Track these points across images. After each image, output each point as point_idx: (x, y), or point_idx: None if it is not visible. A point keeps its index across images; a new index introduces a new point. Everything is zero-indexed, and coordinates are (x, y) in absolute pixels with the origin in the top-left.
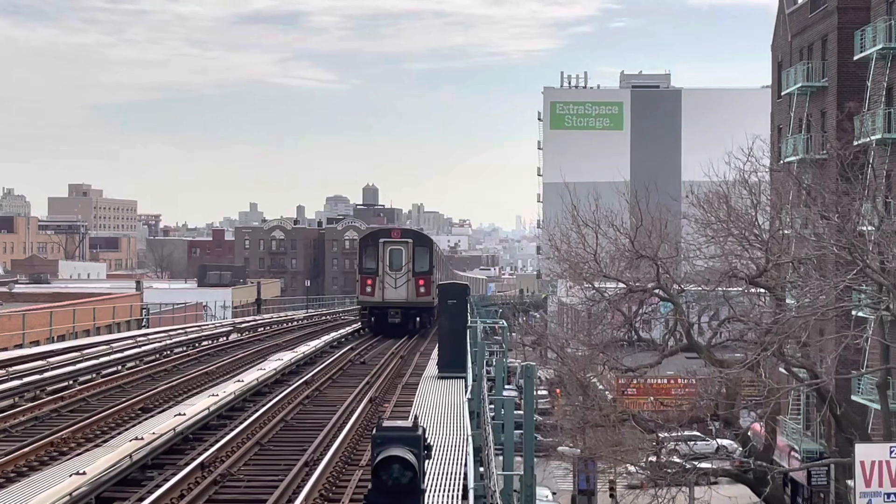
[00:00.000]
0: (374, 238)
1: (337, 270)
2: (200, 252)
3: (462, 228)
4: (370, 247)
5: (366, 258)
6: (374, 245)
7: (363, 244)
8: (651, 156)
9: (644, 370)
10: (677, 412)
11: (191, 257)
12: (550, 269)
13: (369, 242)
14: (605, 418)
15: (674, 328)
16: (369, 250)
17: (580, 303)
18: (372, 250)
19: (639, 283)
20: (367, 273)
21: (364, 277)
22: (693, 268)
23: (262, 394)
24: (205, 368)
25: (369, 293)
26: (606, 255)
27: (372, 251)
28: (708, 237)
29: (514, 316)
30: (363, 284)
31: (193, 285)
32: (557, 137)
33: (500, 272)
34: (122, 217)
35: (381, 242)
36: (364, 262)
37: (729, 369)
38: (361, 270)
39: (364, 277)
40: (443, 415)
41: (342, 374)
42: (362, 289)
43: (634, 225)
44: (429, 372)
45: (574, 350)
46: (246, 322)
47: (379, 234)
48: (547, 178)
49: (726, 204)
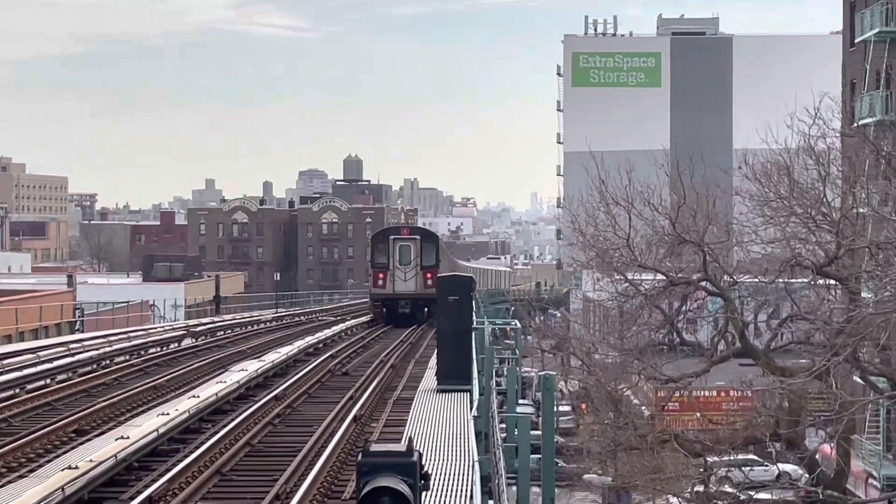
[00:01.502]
0: (385, 235)
1: (313, 261)
2: (146, 239)
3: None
4: (381, 243)
5: (377, 254)
6: (385, 242)
7: (375, 241)
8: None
9: (688, 380)
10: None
11: (134, 246)
12: (573, 257)
13: (381, 239)
14: (641, 439)
15: (724, 329)
16: (380, 246)
17: (610, 298)
18: (383, 246)
19: (682, 273)
20: (378, 267)
21: (376, 272)
22: (747, 255)
23: (223, 412)
24: (152, 382)
25: (381, 286)
26: (642, 241)
27: (383, 247)
28: (766, 217)
29: (530, 315)
30: (375, 278)
31: (138, 280)
32: (581, 97)
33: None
34: (50, 197)
35: (391, 239)
36: (376, 257)
37: (792, 379)
38: (374, 265)
39: (376, 272)
40: (443, 436)
41: (320, 387)
42: (374, 282)
43: (676, 203)
44: (426, 384)
45: (603, 356)
46: (202, 325)
47: (389, 232)
48: (569, 146)
49: (788, 176)
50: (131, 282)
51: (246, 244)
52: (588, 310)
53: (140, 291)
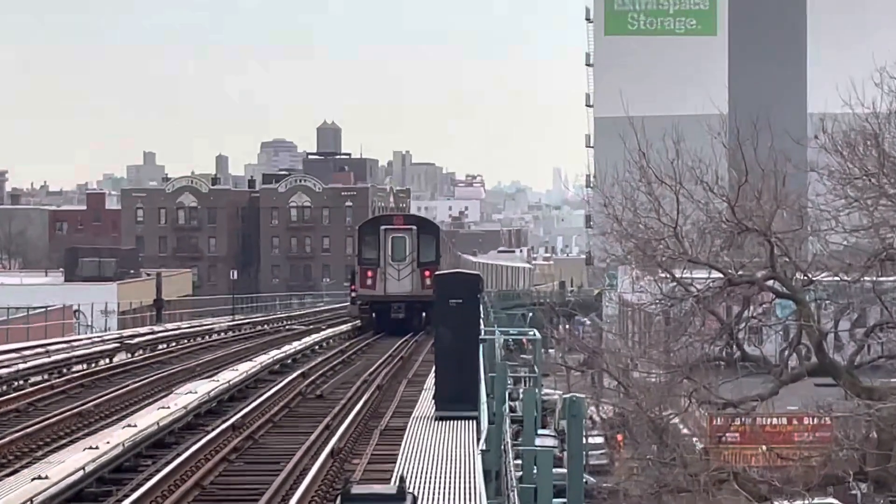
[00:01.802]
0: (374, 225)
1: (279, 255)
2: (69, 228)
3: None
4: (370, 235)
5: (365, 248)
6: (374, 233)
7: (361, 232)
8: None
9: (752, 405)
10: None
11: (54, 236)
12: (607, 249)
13: (369, 230)
14: (692, 479)
15: (797, 341)
16: (369, 239)
17: (653, 302)
18: (371, 239)
19: (743, 271)
20: (366, 264)
21: (364, 269)
22: (826, 247)
23: (166, 445)
24: (77, 407)
25: (370, 286)
26: (693, 229)
27: (371, 240)
28: (849, 199)
29: (552, 323)
30: (363, 277)
31: (59, 279)
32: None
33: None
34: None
35: (382, 230)
36: (363, 252)
37: (882, 402)
38: (360, 261)
39: (364, 269)
40: (443, 475)
41: (288, 413)
42: (362, 282)
43: (736, 182)
44: (421, 410)
45: (644, 375)
46: (140, 336)
47: (379, 221)
48: (601, 110)
49: (877, 148)
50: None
51: (195, 234)
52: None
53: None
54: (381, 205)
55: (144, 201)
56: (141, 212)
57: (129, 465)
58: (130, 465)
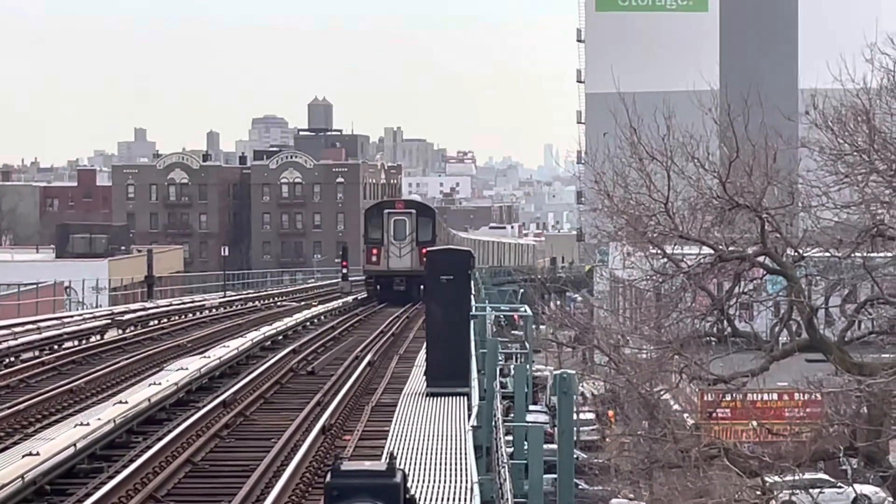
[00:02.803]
0: (379, 209)
1: (270, 231)
2: (60, 205)
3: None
4: (375, 218)
5: (371, 229)
6: (379, 216)
7: (368, 215)
8: (752, 51)
9: (743, 381)
10: (794, 445)
11: (45, 213)
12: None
13: (374, 213)
14: (683, 455)
15: (788, 317)
16: (374, 221)
17: (644, 278)
18: (377, 221)
19: (734, 247)
20: (372, 243)
21: (370, 247)
22: (817, 223)
23: (158, 421)
24: (68, 384)
25: (375, 262)
26: (684, 205)
27: (377, 222)
28: (840, 175)
29: (543, 299)
30: (369, 254)
31: (50, 256)
32: (608, 23)
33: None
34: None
35: (385, 213)
36: (369, 232)
37: (873, 378)
38: (367, 241)
39: (370, 247)
40: (433, 452)
41: (280, 390)
42: (368, 258)
43: (727, 157)
44: (412, 386)
45: (635, 351)
46: (131, 312)
47: (383, 206)
48: (591, 86)
49: (867, 124)
50: (41, 258)
51: (186, 211)
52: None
53: (53, 270)
54: (372, 181)
55: (135, 178)
56: (132, 188)
57: (121, 441)
58: (122, 442)
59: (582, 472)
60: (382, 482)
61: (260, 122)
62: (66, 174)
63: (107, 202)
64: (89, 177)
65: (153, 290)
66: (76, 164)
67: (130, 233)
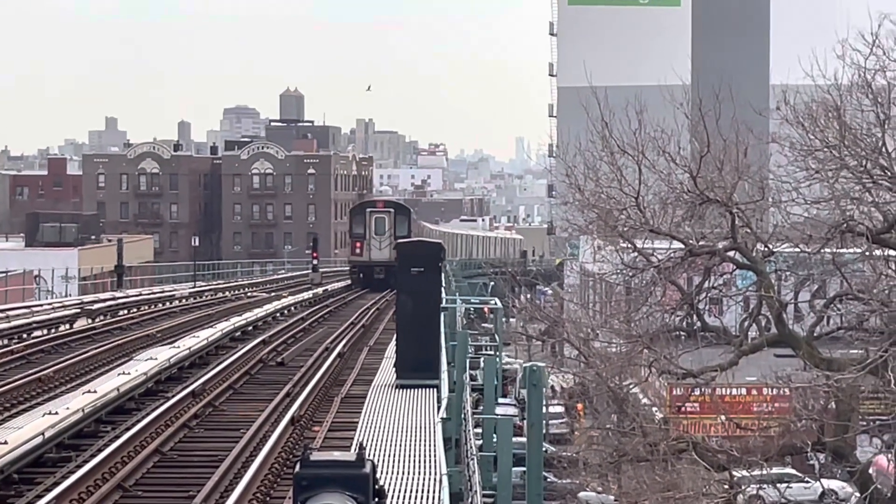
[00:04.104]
0: (362, 208)
1: (241, 222)
2: (30, 193)
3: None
4: (359, 215)
5: (355, 225)
6: (362, 214)
7: (353, 213)
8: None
9: (711, 375)
10: (762, 439)
11: (14, 202)
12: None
13: (358, 212)
14: (651, 449)
15: (757, 312)
16: (358, 218)
17: (614, 272)
18: (360, 218)
19: (704, 241)
20: (356, 237)
21: (354, 241)
22: (787, 218)
23: (127, 411)
24: (37, 373)
25: (358, 254)
26: (655, 199)
27: (360, 219)
28: (810, 171)
29: (514, 292)
30: (353, 246)
31: (19, 244)
32: (580, 17)
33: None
34: None
35: (367, 211)
36: (354, 228)
37: (841, 373)
38: (352, 235)
39: (354, 241)
40: (403, 443)
41: (249, 380)
42: (352, 250)
43: (698, 152)
44: (382, 378)
45: (605, 344)
46: (101, 301)
47: (366, 205)
48: (564, 80)
49: (838, 120)
50: (11, 246)
51: (156, 200)
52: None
53: (22, 259)
54: (343, 173)
55: (106, 167)
56: (102, 177)
57: (89, 430)
58: (90, 431)
59: (551, 465)
60: (351, 473)
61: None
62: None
63: (77, 191)
64: (59, 165)
65: (123, 279)
66: (46, 153)
67: (101, 222)
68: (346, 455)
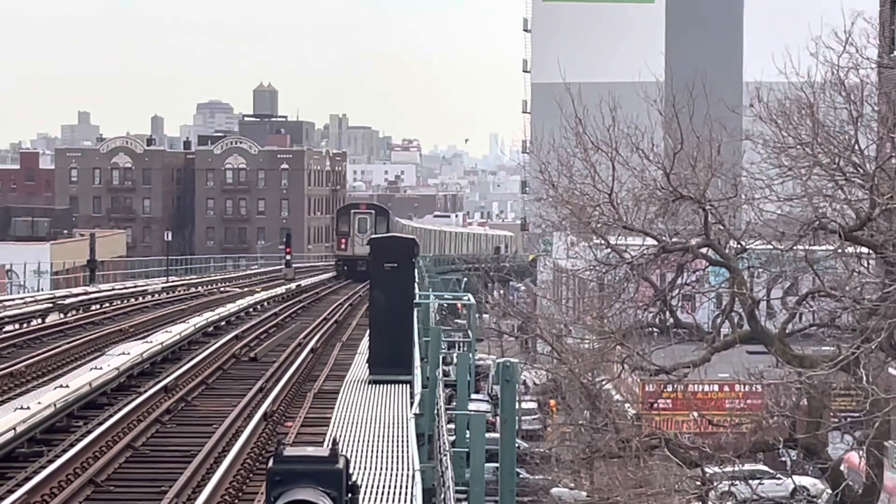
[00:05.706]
0: (347, 209)
1: (214, 217)
2: (2, 187)
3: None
4: (344, 215)
5: (341, 224)
6: (347, 214)
7: (339, 213)
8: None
9: (684, 372)
10: (734, 436)
11: None
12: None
13: (343, 212)
14: (623, 445)
15: (730, 308)
16: (343, 218)
17: (587, 268)
18: (345, 218)
19: (677, 238)
20: (342, 235)
21: (339, 238)
22: (759, 215)
23: (98, 406)
24: (8, 367)
25: (343, 249)
26: (628, 196)
27: (345, 219)
28: (783, 168)
29: (487, 288)
30: (339, 243)
31: None
32: (554, 14)
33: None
34: None
35: (352, 212)
36: (339, 226)
37: (813, 370)
38: (338, 233)
39: (339, 238)
40: (376, 439)
41: (222, 375)
42: (338, 246)
43: (671, 149)
44: (355, 373)
45: (577, 341)
46: (73, 296)
47: (350, 207)
48: (538, 76)
49: (811, 117)
50: None
51: (129, 195)
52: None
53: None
54: (316, 168)
55: (79, 161)
56: (75, 172)
57: (61, 425)
58: (62, 426)
59: (523, 461)
60: (325, 468)
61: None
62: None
63: (50, 185)
64: (32, 160)
65: (95, 274)
66: (19, 147)
67: (73, 216)
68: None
